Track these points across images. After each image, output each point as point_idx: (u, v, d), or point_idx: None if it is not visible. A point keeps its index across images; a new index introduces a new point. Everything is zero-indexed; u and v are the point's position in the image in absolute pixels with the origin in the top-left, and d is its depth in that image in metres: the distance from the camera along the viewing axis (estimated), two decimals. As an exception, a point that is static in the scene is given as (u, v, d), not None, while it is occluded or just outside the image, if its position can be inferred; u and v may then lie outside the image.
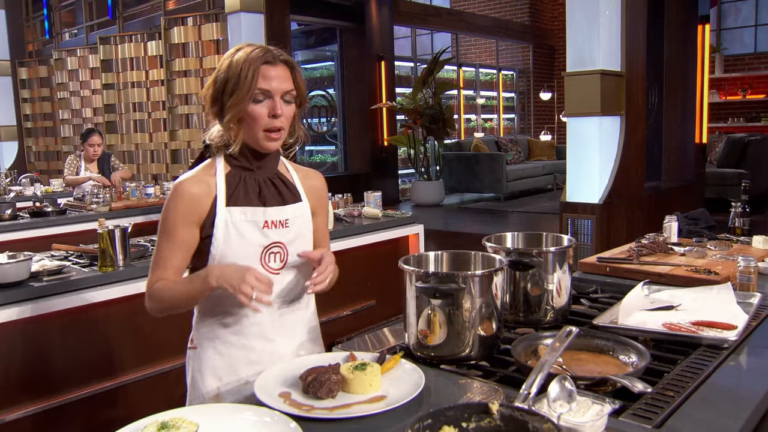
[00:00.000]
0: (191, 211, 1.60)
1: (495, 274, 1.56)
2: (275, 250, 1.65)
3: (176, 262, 1.62)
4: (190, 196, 1.60)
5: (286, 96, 1.62)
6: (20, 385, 2.49)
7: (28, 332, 2.50)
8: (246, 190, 1.64)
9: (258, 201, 1.65)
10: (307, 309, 1.78)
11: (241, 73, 1.56)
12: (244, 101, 1.57)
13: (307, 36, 10.67)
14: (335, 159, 10.55)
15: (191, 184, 1.62)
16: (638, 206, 5.65)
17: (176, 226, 1.60)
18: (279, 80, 1.59)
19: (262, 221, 1.63)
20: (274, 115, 1.59)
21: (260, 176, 1.68)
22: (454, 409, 1.10)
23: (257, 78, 1.56)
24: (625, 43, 5.27)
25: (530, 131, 14.50)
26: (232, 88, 1.58)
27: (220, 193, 1.62)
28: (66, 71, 9.35)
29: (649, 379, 1.37)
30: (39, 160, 10.63)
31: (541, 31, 14.35)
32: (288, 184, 1.72)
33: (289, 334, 1.71)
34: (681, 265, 2.32)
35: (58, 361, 2.60)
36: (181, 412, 1.27)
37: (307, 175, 1.81)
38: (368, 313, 3.93)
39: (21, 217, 4.54)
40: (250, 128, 1.61)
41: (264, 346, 1.67)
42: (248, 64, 1.57)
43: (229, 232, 1.60)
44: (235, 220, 1.61)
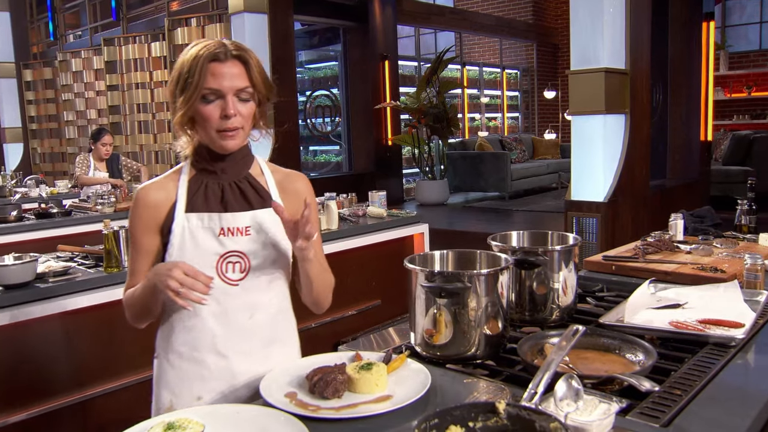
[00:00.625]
0: (150, 218, 1.55)
1: (501, 273, 1.56)
2: (233, 260, 1.54)
3: (140, 267, 1.57)
4: (149, 203, 1.55)
5: (242, 94, 1.50)
6: (27, 386, 2.50)
7: (34, 333, 2.51)
8: (207, 195, 1.56)
9: (219, 206, 1.55)
10: (276, 326, 1.64)
11: (190, 72, 1.47)
12: (192, 101, 1.48)
13: (311, 36, 10.68)
14: (339, 159, 10.55)
15: (151, 190, 1.57)
16: (643, 204, 5.63)
17: (138, 233, 1.56)
18: (230, 78, 1.48)
19: (218, 228, 1.53)
20: (226, 116, 1.48)
21: (225, 180, 1.58)
22: (461, 409, 1.09)
23: (204, 76, 1.46)
24: (629, 40, 5.25)
25: (534, 130, 14.48)
26: (181, 87, 1.49)
27: (180, 199, 1.55)
28: (70, 73, 9.38)
29: (656, 377, 1.36)
30: (44, 162, 10.67)
31: (544, 30, 14.32)
32: (258, 189, 1.61)
33: (247, 352, 1.57)
34: (687, 263, 2.31)
35: (64, 362, 2.60)
36: (187, 412, 1.27)
37: (288, 178, 1.69)
38: (373, 312, 3.93)
39: (26, 219, 4.55)
40: (204, 129, 1.52)
41: (217, 361, 1.55)
42: (195, 61, 1.47)
43: (185, 238, 1.53)
44: (192, 226, 1.53)
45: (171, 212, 1.54)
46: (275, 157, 7.37)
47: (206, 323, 1.54)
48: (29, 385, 2.51)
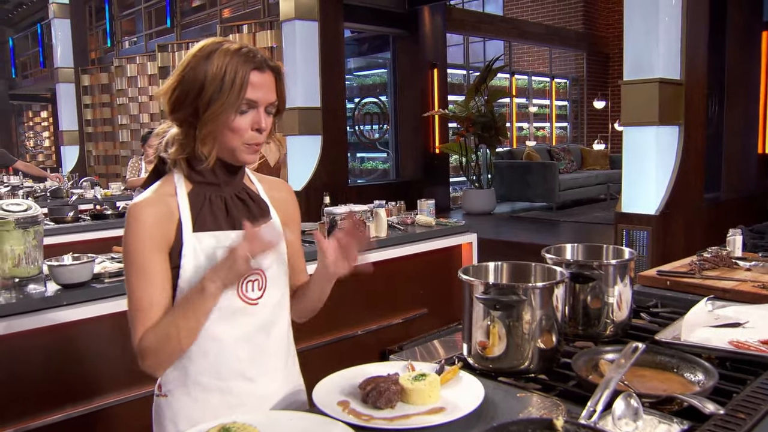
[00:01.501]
0: (156, 236, 1.37)
1: (556, 286, 1.54)
2: (253, 278, 1.44)
3: (158, 298, 1.37)
4: (152, 219, 1.38)
5: (269, 107, 1.42)
6: (82, 383, 2.56)
7: (91, 332, 2.57)
8: (213, 212, 1.43)
9: (227, 223, 1.44)
10: (286, 343, 1.58)
11: (226, 77, 1.34)
12: (229, 113, 1.35)
13: (360, 43, 10.75)
14: (386, 166, 10.58)
15: (150, 207, 1.39)
16: (696, 218, 5.50)
17: (146, 256, 1.36)
18: (266, 90, 1.39)
19: None
20: (258, 129, 1.39)
21: (226, 193, 1.47)
22: (518, 424, 1.08)
23: (246, 86, 1.35)
24: (686, 50, 5.14)
25: (583, 140, 14.29)
26: (212, 94, 1.34)
27: (184, 217, 1.40)
28: (125, 78, 9.64)
29: (716, 399, 1.32)
30: (98, 164, 10.97)
31: (595, 39, 14.14)
32: (256, 199, 1.53)
33: (269, 371, 1.51)
34: (747, 281, 2.24)
35: (119, 360, 2.66)
36: (242, 417, 1.28)
37: (273, 187, 1.61)
38: (419, 321, 3.92)
39: (82, 220, 4.68)
40: (228, 141, 1.39)
41: (243, 386, 1.47)
42: (235, 67, 1.34)
43: (200, 261, 1.39)
44: (206, 246, 1.40)
45: (177, 232, 1.40)
46: (323, 164, 7.45)
47: (228, 347, 1.44)
48: (86, 382, 2.57)
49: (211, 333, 1.41)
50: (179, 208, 1.41)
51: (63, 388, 2.51)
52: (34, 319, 2.39)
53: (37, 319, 2.40)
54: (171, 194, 1.42)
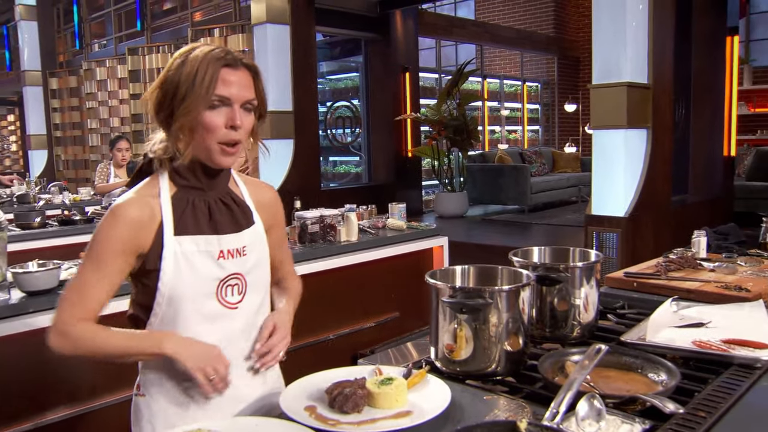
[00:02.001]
0: (130, 238, 1.38)
1: (522, 289, 1.55)
2: (232, 282, 1.46)
3: (101, 295, 1.39)
4: (132, 221, 1.38)
5: (247, 105, 1.41)
6: (50, 392, 2.52)
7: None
8: (195, 215, 1.44)
9: (209, 227, 1.45)
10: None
11: (198, 75, 1.35)
12: (199, 107, 1.36)
13: (332, 47, 10.74)
14: (359, 170, 10.57)
15: (132, 207, 1.40)
16: (665, 220, 5.58)
17: (110, 253, 1.38)
18: (240, 86, 1.39)
19: (216, 251, 1.44)
20: (233, 126, 1.38)
21: (210, 197, 1.48)
22: (482, 427, 1.09)
23: (216, 81, 1.36)
24: (652, 54, 5.22)
25: (555, 143, 14.42)
26: (185, 91, 1.36)
27: (166, 220, 1.40)
28: (95, 81, 9.52)
29: (679, 398, 1.34)
30: (67, 169, 10.81)
31: (566, 43, 14.29)
32: (240, 204, 1.53)
33: (248, 375, 1.53)
34: (710, 281, 2.28)
35: (88, 368, 2.62)
36: (207, 425, 1.27)
37: (258, 189, 1.62)
38: (391, 325, 3.93)
39: (50, 225, 4.61)
40: (203, 140, 1.39)
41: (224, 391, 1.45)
42: (206, 64, 1.36)
43: (179, 265, 1.40)
44: (186, 251, 1.40)
45: (158, 235, 1.40)
46: (295, 168, 7.43)
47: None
48: (53, 390, 2.53)
49: (192, 336, 1.42)
50: (162, 210, 1.41)
51: (28, 397, 2.47)
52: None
53: (0, 328, 2.36)
54: (154, 196, 1.43)
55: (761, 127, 11.45)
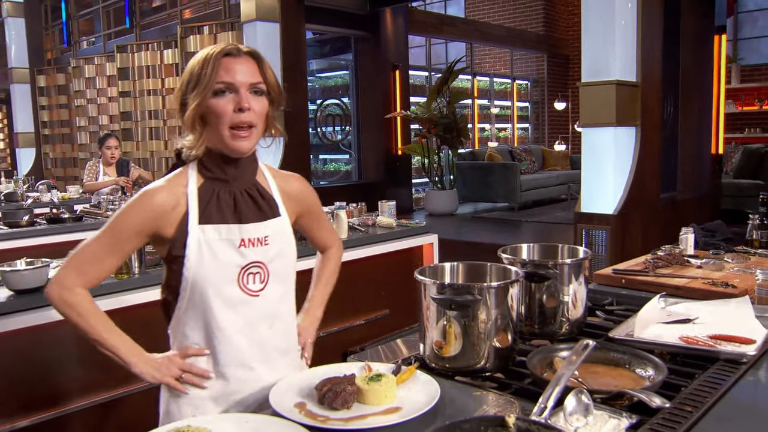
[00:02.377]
0: (151, 221, 1.48)
1: (511, 285, 1.56)
2: (254, 270, 1.53)
3: (107, 266, 1.51)
4: (157, 206, 1.48)
5: (254, 88, 1.49)
6: (36, 391, 2.51)
7: (44, 338, 2.52)
8: (219, 206, 1.52)
9: (233, 217, 1.52)
10: (289, 334, 1.67)
11: (203, 69, 1.47)
12: (205, 95, 1.46)
13: (322, 45, 10.72)
14: (349, 167, 10.57)
15: (160, 194, 1.50)
16: (653, 217, 5.61)
17: (129, 231, 1.48)
18: (243, 72, 1.48)
19: (238, 239, 1.50)
20: (240, 109, 1.46)
21: (236, 188, 1.55)
22: (470, 422, 1.09)
23: (217, 70, 1.46)
24: (641, 53, 5.25)
25: (544, 141, 14.47)
26: (193, 85, 1.48)
27: (192, 209, 1.49)
28: (83, 79, 9.46)
29: (666, 393, 1.35)
30: (56, 167, 10.75)
31: (555, 41, 14.34)
32: (266, 196, 1.59)
33: (269, 361, 1.58)
34: (698, 278, 2.30)
35: (74, 368, 2.61)
36: (195, 421, 1.27)
37: (286, 181, 1.69)
38: (381, 322, 3.93)
39: (38, 224, 4.58)
40: (215, 127, 1.48)
41: (243, 374, 1.54)
42: (208, 57, 1.48)
43: (203, 252, 1.47)
44: (208, 239, 1.48)
45: (181, 223, 1.49)
46: (285, 165, 7.43)
47: (232, 338, 1.52)
48: (39, 389, 2.52)
49: (215, 322, 1.50)
50: (188, 200, 1.50)
51: (16, 396, 2.45)
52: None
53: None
54: (182, 186, 1.52)
55: (749, 126, 11.53)
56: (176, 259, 1.49)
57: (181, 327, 1.55)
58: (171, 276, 1.53)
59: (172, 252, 1.50)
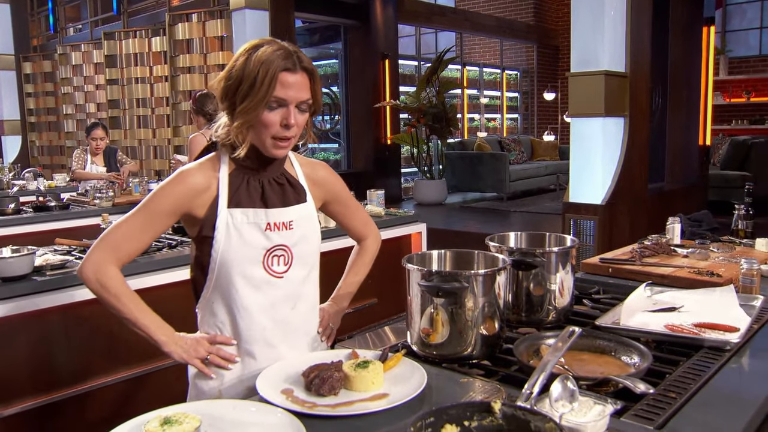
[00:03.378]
0: (185, 202, 1.55)
1: (498, 273, 1.56)
2: (278, 253, 1.60)
3: (140, 245, 1.57)
4: (191, 186, 1.55)
5: (302, 105, 1.53)
6: (22, 380, 2.50)
7: (31, 326, 2.51)
8: (249, 191, 1.58)
9: (260, 202, 1.59)
10: (312, 317, 1.74)
11: (258, 77, 1.47)
12: (258, 109, 1.49)
13: (312, 33, 10.68)
14: (338, 157, 10.55)
15: (195, 175, 1.57)
16: (641, 207, 5.65)
17: (163, 209, 1.55)
18: (297, 89, 1.51)
19: (264, 223, 1.57)
20: (287, 125, 1.51)
21: (265, 177, 1.62)
22: (457, 408, 1.10)
23: (275, 85, 1.47)
24: (630, 44, 5.27)
25: (533, 131, 14.49)
26: (246, 90, 1.48)
27: (222, 194, 1.56)
28: (70, 66, 9.36)
29: (651, 380, 1.37)
30: (42, 155, 10.65)
31: (545, 31, 14.34)
32: (293, 183, 1.66)
33: (293, 341, 1.66)
34: (684, 267, 2.32)
35: (60, 356, 2.60)
36: (183, 407, 1.27)
37: (313, 169, 1.76)
38: (370, 311, 3.92)
39: (24, 212, 4.55)
40: (259, 134, 1.53)
41: (266, 352, 1.62)
42: (266, 67, 1.47)
43: (230, 234, 1.55)
44: (237, 222, 1.55)
45: (213, 205, 1.56)
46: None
47: (256, 317, 1.60)
48: (26, 377, 2.51)
49: (240, 301, 1.58)
50: (219, 184, 1.57)
51: (2, 385, 2.44)
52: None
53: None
54: (214, 170, 1.59)
55: (736, 117, 11.60)
56: (206, 239, 1.57)
57: (208, 305, 1.62)
58: (200, 256, 1.60)
59: (202, 232, 1.57)
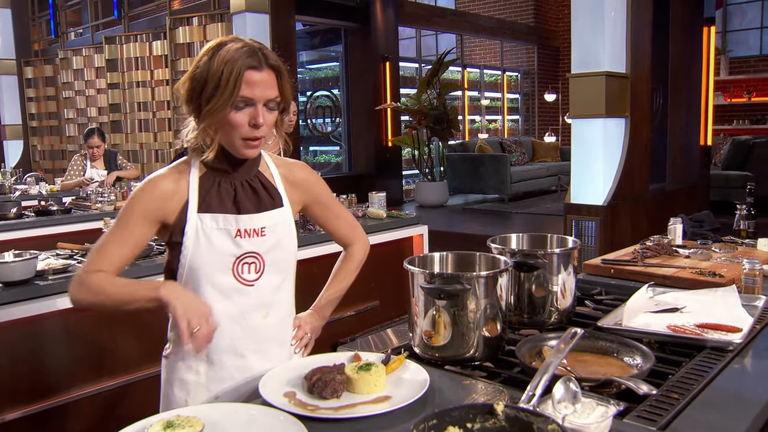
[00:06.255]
0: (155, 208, 1.51)
1: (500, 275, 1.56)
2: (249, 261, 1.54)
3: (119, 257, 1.51)
4: (158, 193, 1.51)
5: (270, 103, 1.49)
6: (24, 384, 2.50)
7: (33, 330, 2.51)
8: (220, 195, 1.54)
9: (232, 207, 1.54)
10: (286, 325, 1.68)
11: (222, 77, 1.42)
12: (224, 109, 1.44)
13: (312, 36, 10.68)
14: (339, 159, 10.55)
15: (163, 181, 1.52)
16: (642, 208, 5.64)
17: (135, 217, 1.50)
18: (263, 87, 1.46)
19: (234, 229, 1.52)
20: (255, 125, 1.46)
21: (237, 179, 1.57)
22: (459, 410, 1.10)
23: (240, 84, 1.42)
24: (630, 44, 5.26)
25: (534, 132, 14.49)
26: (211, 91, 1.44)
27: (192, 198, 1.52)
28: (71, 70, 9.37)
29: (653, 381, 1.37)
30: (44, 159, 10.66)
31: (545, 33, 14.34)
32: (268, 187, 1.61)
33: (263, 351, 1.60)
34: (686, 268, 2.32)
35: (62, 360, 2.61)
36: (186, 411, 1.27)
37: (290, 170, 1.69)
38: (372, 313, 3.93)
39: (26, 216, 4.56)
40: (228, 135, 1.48)
41: (234, 362, 1.57)
42: (231, 66, 1.42)
43: (199, 240, 1.50)
44: (206, 227, 1.51)
45: (183, 210, 1.52)
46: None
47: (225, 326, 1.54)
48: (28, 382, 2.51)
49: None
50: (189, 189, 1.53)
51: (5, 388, 2.44)
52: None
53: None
54: (184, 174, 1.55)
55: (737, 117, 11.59)
56: (175, 245, 1.53)
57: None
58: (171, 261, 1.57)
59: (172, 238, 1.54)
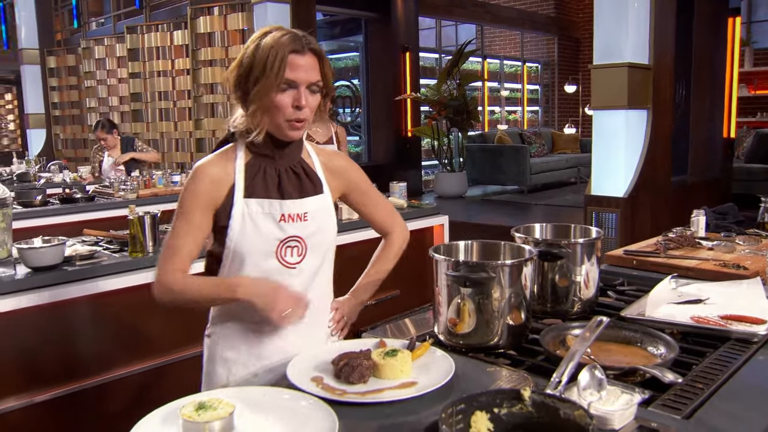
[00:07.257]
0: (210, 195, 1.57)
1: (525, 264, 1.57)
2: (292, 244, 1.60)
3: (190, 248, 1.57)
4: (211, 178, 1.57)
5: (312, 87, 1.56)
6: (52, 367, 2.55)
7: (61, 315, 2.56)
8: (265, 181, 1.60)
9: (276, 193, 1.60)
10: (324, 307, 1.75)
11: (268, 61, 1.50)
12: (271, 91, 1.51)
13: (332, 26, 10.68)
14: (359, 149, 10.57)
15: (212, 167, 1.59)
16: (664, 200, 5.60)
17: (194, 209, 1.57)
18: (306, 70, 1.53)
19: (278, 214, 1.58)
20: (298, 107, 1.53)
21: (281, 165, 1.63)
22: (486, 395, 1.11)
23: (284, 67, 1.50)
24: (654, 35, 5.22)
25: (554, 124, 14.40)
26: (257, 75, 1.52)
27: (238, 183, 1.58)
28: (93, 60, 9.45)
29: (677, 371, 1.37)
30: (66, 148, 10.78)
31: (566, 23, 14.22)
32: (310, 174, 1.67)
33: (301, 332, 1.66)
34: (709, 260, 2.31)
35: (89, 344, 2.65)
36: (217, 393, 1.30)
37: (329, 158, 1.76)
38: (392, 303, 3.94)
39: (51, 203, 4.62)
40: (274, 117, 1.55)
41: (273, 341, 1.64)
42: (275, 51, 1.50)
43: (245, 224, 1.57)
44: (252, 212, 1.57)
45: (229, 195, 1.58)
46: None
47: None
48: (55, 365, 2.56)
49: None
50: (235, 174, 1.59)
51: (33, 372, 2.50)
52: (3, 302, 2.37)
53: (6, 303, 2.38)
54: (231, 160, 1.61)
55: (761, 110, 11.44)
56: (222, 229, 1.59)
57: None
58: (216, 243, 1.63)
59: (218, 222, 1.59)
